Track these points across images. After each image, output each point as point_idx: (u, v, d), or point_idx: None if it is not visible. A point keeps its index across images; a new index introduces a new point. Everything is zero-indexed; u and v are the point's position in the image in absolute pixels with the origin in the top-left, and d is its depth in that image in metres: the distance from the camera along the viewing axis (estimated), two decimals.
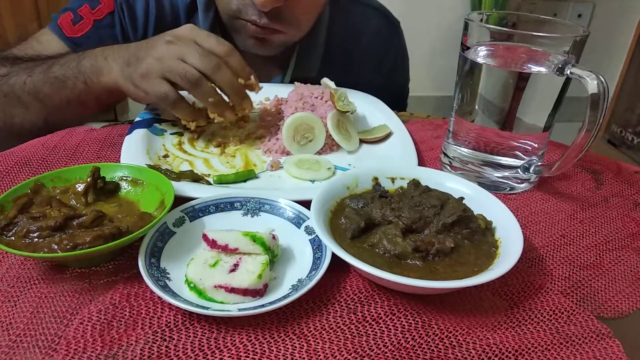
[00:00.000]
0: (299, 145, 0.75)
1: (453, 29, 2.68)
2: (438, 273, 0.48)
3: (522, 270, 0.54)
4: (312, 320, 0.46)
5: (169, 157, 0.72)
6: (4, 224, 0.49)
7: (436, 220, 0.53)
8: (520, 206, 0.67)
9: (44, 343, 0.42)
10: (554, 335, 0.46)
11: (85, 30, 0.91)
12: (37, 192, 0.55)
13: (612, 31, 2.86)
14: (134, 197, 0.58)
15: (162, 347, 0.42)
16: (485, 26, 0.66)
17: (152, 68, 0.69)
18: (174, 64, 0.68)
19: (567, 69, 0.60)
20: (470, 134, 0.70)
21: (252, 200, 0.59)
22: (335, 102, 0.77)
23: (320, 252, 0.51)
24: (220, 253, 0.49)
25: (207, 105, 0.71)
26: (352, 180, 0.60)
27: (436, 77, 2.86)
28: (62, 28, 0.90)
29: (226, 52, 0.71)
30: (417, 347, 0.44)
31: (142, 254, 0.48)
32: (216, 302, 0.46)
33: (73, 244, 0.47)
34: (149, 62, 0.69)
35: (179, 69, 0.67)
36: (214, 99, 0.71)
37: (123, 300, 0.47)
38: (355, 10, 1.06)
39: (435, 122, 0.92)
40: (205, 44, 0.70)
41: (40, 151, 0.73)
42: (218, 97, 0.71)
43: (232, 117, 0.75)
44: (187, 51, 0.68)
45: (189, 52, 0.68)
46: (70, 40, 0.90)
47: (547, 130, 0.68)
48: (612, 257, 0.58)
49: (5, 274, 0.50)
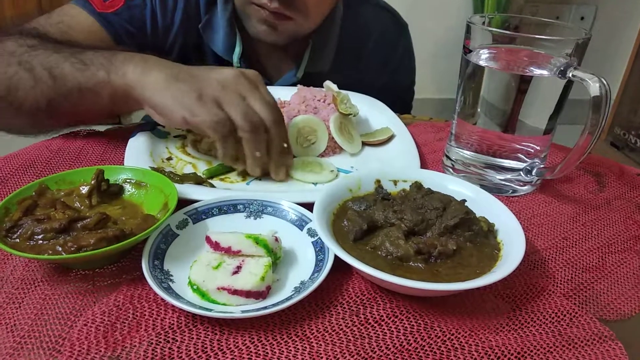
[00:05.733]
0: (301, 147, 0.75)
1: (455, 31, 2.68)
2: (440, 275, 0.48)
3: (524, 273, 0.54)
4: (314, 322, 0.46)
5: (173, 160, 0.73)
6: (8, 226, 0.49)
7: (438, 222, 0.53)
8: (522, 209, 0.67)
9: (48, 344, 0.42)
10: (557, 338, 0.46)
11: (117, 7, 0.89)
12: (41, 195, 0.55)
13: (614, 34, 2.85)
14: (138, 200, 0.58)
15: (166, 348, 0.42)
16: (488, 29, 0.66)
17: (215, 92, 0.63)
18: (238, 100, 0.63)
19: (569, 71, 0.60)
20: (473, 137, 0.70)
21: (255, 203, 0.59)
22: (337, 105, 0.77)
23: (322, 254, 0.51)
24: (223, 255, 0.49)
25: (251, 156, 0.65)
26: (355, 183, 0.60)
27: (438, 80, 2.86)
28: (92, 3, 0.88)
29: (281, 114, 0.68)
30: (419, 350, 0.44)
31: (146, 256, 0.49)
32: (219, 304, 0.46)
33: (77, 246, 0.47)
34: (212, 85, 0.64)
35: (244, 107, 0.63)
36: (262, 154, 0.65)
37: (127, 301, 0.47)
38: (366, 9, 1.08)
39: (438, 124, 0.93)
40: (267, 95, 0.67)
41: (45, 154, 0.73)
42: (264, 152, 0.65)
43: (259, 173, 0.67)
44: (253, 94, 0.65)
45: (256, 97, 0.65)
46: (101, 15, 0.87)
47: (549, 133, 0.68)
48: (615, 259, 0.58)
49: (10, 276, 0.50)
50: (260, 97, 0.65)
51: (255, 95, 0.65)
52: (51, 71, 0.69)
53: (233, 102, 0.63)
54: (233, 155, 0.66)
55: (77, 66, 0.69)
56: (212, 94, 0.63)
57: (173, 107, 0.64)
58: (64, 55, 0.70)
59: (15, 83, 0.70)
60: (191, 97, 0.63)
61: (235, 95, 0.64)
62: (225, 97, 0.63)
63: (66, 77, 0.69)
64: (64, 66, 0.69)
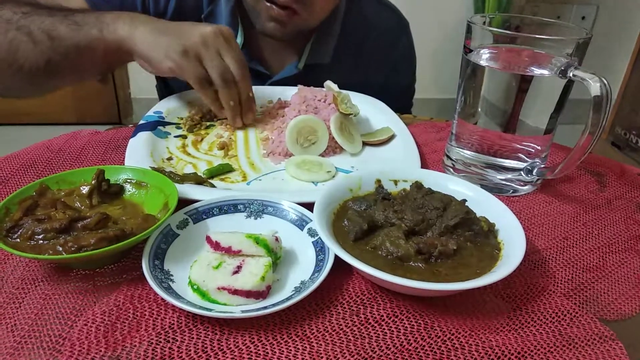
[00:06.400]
0: (302, 147, 0.75)
1: (456, 31, 2.68)
2: (441, 275, 0.48)
3: (524, 273, 0.54)
4: (314, 322, 0.46)
5: (173, 160, 0.73)
6: (9, 226, 0.50)
7: (439, 222, 0.53)
8: (523, 208, 0.67)
9: (49, 344, 0.42)
10: (557, 338, 0.46)
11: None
12: (42, 195, 0.55)
13: (616, 33, 2.85)
14: (138, 200, 0.59)
15: (166, 348, 0.42)
16: (488, 29, 0.66)
17: (197, 48, 0.73)
18: (215, 58, 0.73)
19: (570, 71, 0.60)
20: (473, 137, 0.70)
21: (256, 203, 0.59)
22: (338, 105, 0.77)
23: (323, 254, 0.51)
24: (224, 255, 0.49)
25: (227, 106, 0.78)
26: (355, 183, 0.60)
27: (439, 80, 2.86)
28: None
29: (247, 68, 0.78)
30: (419, 349, 0.44)
31: (146, 255, 0.49)
32: (219, 304, 0.46)
33: (78, 245, 0.47)
34: (195, 40, 0.73)
35: (220, 65, 0.74)
36: (235, 103, 0.77)
37: (127, 301, 0.47)
38: (368, 5, 1.10)
39: (438, 124, 0.93)
40: (238, 52, 0.77)
41: (45, 154, 0.74)
42: (237, 101, 0.78)
43: (240, 123, 0.81)
44: (228, 51, 0.75)
45: (227, 53, 0.75)
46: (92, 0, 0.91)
47: (550, 133, 0.68)
48: (615, 259, 0.58)
49: (10, 276, 0.50)
50: (233, 54, 0.76)
51: (229, 53, 0.75)
52: (49, 33, 0.76)
53: (212, 60, 0.74)
54: (217, 102, 0.78)
55: (72, 27, 0.76)
56: (195, 49, 0.73)
57: (160, 58, 0.73)
58: (58, 18, 0.77)
59: (15, 46, 0.76)
60: (177, 50, 0.72)
61: (213, 52, 0.74)
62: (205, 54, 0.73)
63: (63, 37, 0.76)
64: (60, 28, 0.76)
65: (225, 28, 0.77)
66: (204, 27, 0.75)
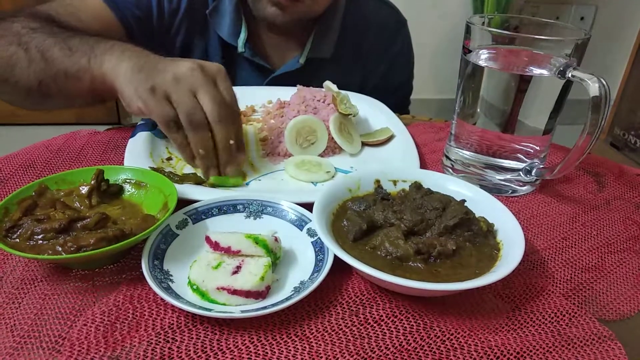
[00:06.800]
0: (301, 148, 0.75)
1: (455, 32, 2.68)
2: (440, 275, 0.48)
3: (523, 273, 0.54)
4: (314, 322, 0.46)
5: (172, 160, 0.73)
6: (8, 226, 0.49)
7: (438, 222, 0.53)
8: (522, 209, 0.67)
9: (48, 344, 0.42)
10: (556, 338, 0.46)
11: None
12: (41, 195, 0.55)
13: (614, 34, 2.85)
14: (138, 200, 0.59)
15: (165, 348, 0.42)
16: (487, 29, 0.66)
17: (165, 86, 0.64)
18: (185, 95, 0.63)
19: (569, 71, 0.60)
20: (472, 137, 0.70)
21: (255, 203, 0.59)
22: (337, 105, 0.77)
23: (322, 254, 0.51)
24: (223, 255, 0.49)
25: (197, 154, 0.65)
26: (354, 183, 0.60)
27: (438, 80, 2.86)
28: None
29: (236, 110, 0.69)
30: (419, 350, 0.44)
31: (146, 256, 0.49)
32: (219, 304, 0.46)
33: (77, 245, 0.47)
34: (166, 78, 0.64)
35: (189, 105, 0.63)
36: (205, 149, 0.65)
37: (126, 301, 0.47)
38: (367, 2, 1.11)
39: (438, 124, 0.93)
40: (224, 92, 0.66)
41: (45, 154, 0.73)
42: (211, 150, 0.66)
43: (213, 175, 0.67)
44: (204, 89, 0.64)
45: (206, 91, 0.64)
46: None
47: (549, 133, 0.69)
48: (614, 259, 0.58)
49: (10, 276, 0.50)
50: (212, 93, 0.64)
51: (206, 91, 0.64)
52: (43, 54, 0.74)
53: (180, 99, 0.63)
54: (187, 148, 0.66)
55: (65, 51, 0.73)
56: (164, 88, 0.64)
57: (131, 97, 0.66)
58: (56, 40, 0.75)
59: (13, 61, 0.75)
60: (145, 88, 0.64)
61: (185, 90, 0.63)
62: (175, 93, 0.63)
63: (55, 60, 0.73)
64: (54, 50, 0.73)
65: (212, 65, 0.68)
66: (182, 64, 0.65)
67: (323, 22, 1.01)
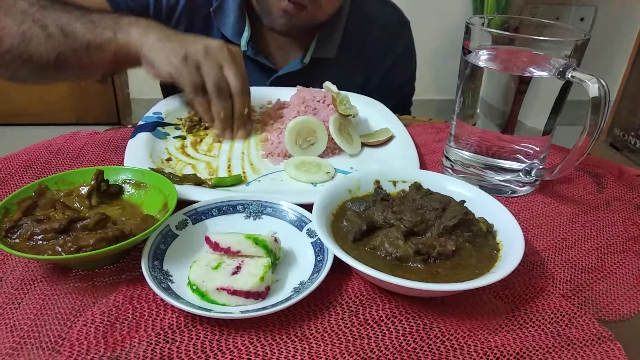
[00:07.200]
0: (301, 148, 0.75)
1: (455, 32, 2.67)
2: (439, 276, 0.48)
3: (523, 273, 0.54)
4: (313, 322, 0.46)
5: (172, 161, 0.73)
6: (8, 227, 0.49)
7: (438, 223, 0.53)
8: (521, 209, 0.67)
9: (48, 344, 0.42)
10: (556, 338, 0.46)
11: None
12: (41, 195, 0.55)
13: (614, 34, 2.86)
14: (137, 200, 0.59)
15: (165, 349, 0.42)
16: (487, 30, 0.66)
17: (198, 56, 0.74)
18: (214, 68, 0.74)
19: (568, 72, 0.60)
20: (472, 138, 0.70)
21: (255, 203, 0.59)
22: (337, 106, 0.77)
23: (322, 254, 0.51)
24: (223, 255, 0.49)
25: (217, 117, 0.77)
26: (354, 183, 0.60)
27: (438, 81, 2.86)
28: None
29: (247, 86, 0.78)
30: (418, 350, 0.44)
31: (145, 256, 0.49)
32: (218, 305, 0.46)
33: (77, 246, 0.47)
34: (198, 48, 0.74)
35: (217, 75, 0.74)
36: (226, 114, 0.77)
37: (126, 302, 0.47)
38: (371, 3, 1.12)
39: (437, 125, 0.93)
40: (241, 68, 0.77)
41: (45, 154, 0.74)
42: (229, 115, 0.78)
43: (229, 137, 0.80)
44: (230, 65, 0.75)
45: (229, 66, 0.75)
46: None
47: (548, 134, 0.69)
48: (614, 260, 0.58)
49: (9, 276, 0.50)
50: (235, 69, 0.76)
51: (231, 67, 0.75)
52: (63, 29, 0.79)
53: (210, 70, 0.74)
54: (208, 112, 0.77)
55: (88, 25, 0.79)
56: (196, 57, 0.74)
57: (162, 62, 0.75)
58: (75, 15, 0.80)
59: (28, 37, 0.79)
60: (178, 56, 0.73)
61: (214, 62, 0.74)
62: (205, 63, 0.74)
63: (77, 34, 0.79)
64: (76, 25, 0.79)
65: (234, 48, 0.78)
66: (211, 40, 0.77)
67: (327, 23, 1.02)
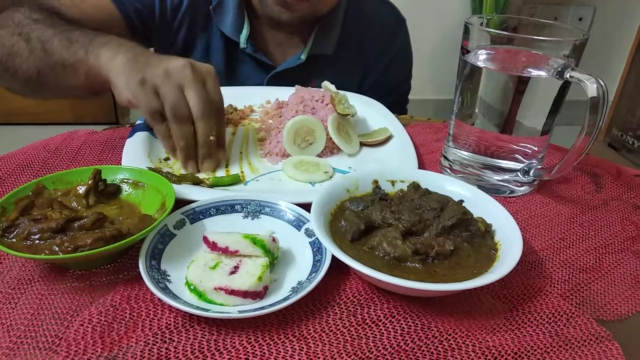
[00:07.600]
0: (299, 148, 0.75)
1: (453, 32, 2.68)
2: (438, 276, 0.48)
3: (521, 273, 0.54)
4: (311, 322, 0.46)
5: (170, 160, 0.72)
6: (5, 226, 0.49)
7: (436, 223, 0.53)
8: (519, 209, 0.67)
9: (45, 344, 0.42)
10: (554, 338, 0.46)
11: None
12: (38, 195, 0.55)
13: (612, 34, 2.86)
14: (135, 200, 0.58)
15: (162, 349, 0.42)
16: (486, 30, 0.66)
17: (156, 79, 0.67)
18: (173, 89, 0.66)
19: (567, 72, 0.60)
20: (471, 137, 0.70)
21: (253, 203, 0.59)
22: (335, 105, 0.77)
23: (320, 254, 0.51)
24: (221, 255, 0.49)
25: (178, 146, 0.69)
26: (353, 183, 0.60)
27: (436, 81, 2.87)
28: None
29: (221, 109, 0.71)
30: (416, 350, 0.44)
31: (143, 256, 0.49)
32: (216, 304, 0.46)
33: (74, 246, 0.47)
34: (157, 72, 0.67)
35: (175, 98, 0.66)
36: (187, 142, 0.68)
37: (123, 302, 0.47)
38: (369, 1, 1.13)
39: (436, 125, 0.93)
40: (211, 92, 0.69)
41: (42, 154, 0.73)
42: (192, 144, 0.69)
43: (193, 169, 0.70)
44: (191, 86, 0.67)
45: (194, 88, 0.67)
46: None
47: (546, 134, 0.69)
48: (612, 260, 0.58)
49: (6, 275, 0.50)
50: (198, 90, 0.67)
51: (193, 87, 0.67)
52: (44, 45, 0.76)
53: (168, 92, 0.66)
54: (169, 140, 0.70)
55: (64, 43, 0.76)
56: (154, 81, 0.67)
57: (122, 88, 0.69)
58: (56, 32, 0.77)
59: (14, 51, 0.78)
60: (135, 80, 0.67)
61: (173, 85, 0.66)
62: (163, 86, 0.66)
63: (54, 51, 0.76)
64: (54, 41, 0.76)
65: (202, 65, 0.70)
66: (176, 60, 0.68)
67: (325, 19, 1.02)
